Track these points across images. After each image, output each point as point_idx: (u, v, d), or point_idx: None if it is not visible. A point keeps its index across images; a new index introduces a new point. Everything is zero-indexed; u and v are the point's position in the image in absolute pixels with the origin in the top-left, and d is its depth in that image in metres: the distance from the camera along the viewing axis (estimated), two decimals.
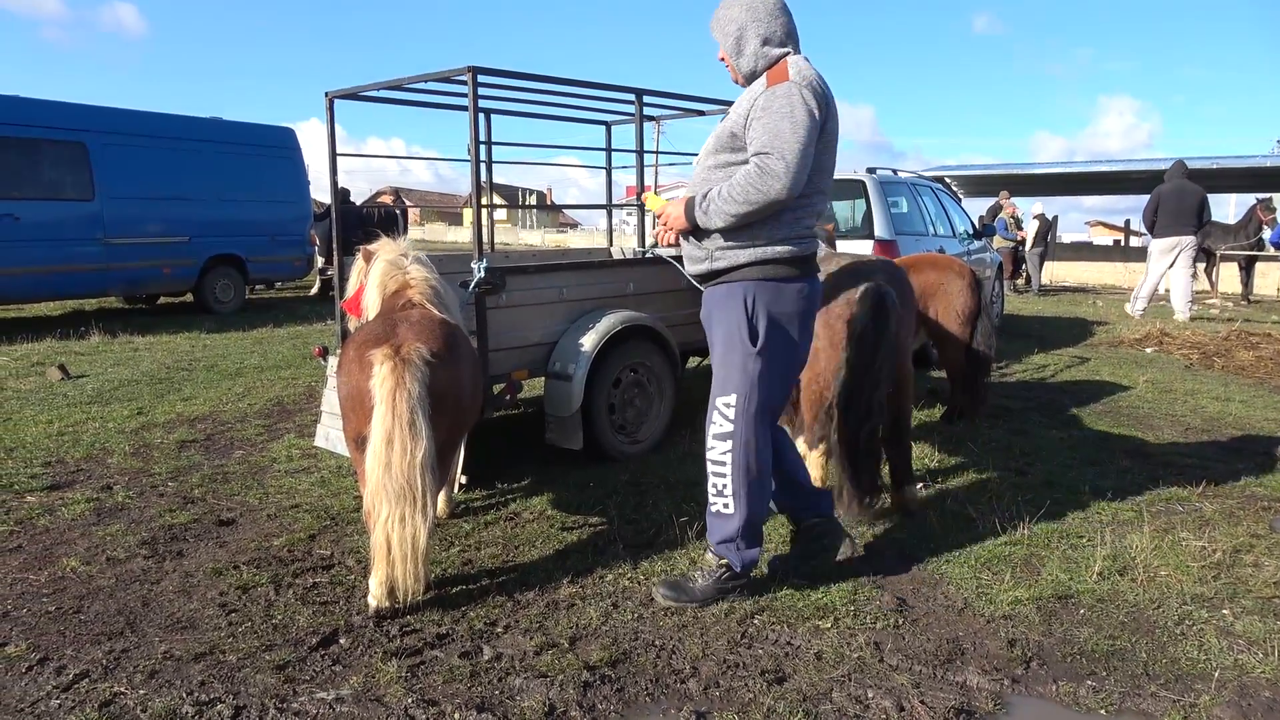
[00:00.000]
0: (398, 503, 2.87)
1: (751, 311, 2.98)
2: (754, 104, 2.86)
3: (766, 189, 2.78)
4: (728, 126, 2.98)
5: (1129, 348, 9.49)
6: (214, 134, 12.18)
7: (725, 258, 3.01)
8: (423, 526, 2.89)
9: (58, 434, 5.39)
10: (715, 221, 2.91)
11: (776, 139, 2.77)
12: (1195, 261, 11.58)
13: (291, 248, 13.17)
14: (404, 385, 2.88)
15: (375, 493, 2.89)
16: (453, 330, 3.29)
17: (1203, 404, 6.53)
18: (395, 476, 2.85)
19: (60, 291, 11.11)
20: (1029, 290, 17.24)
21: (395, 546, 2.88)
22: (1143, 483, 4.55)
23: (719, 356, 3.08)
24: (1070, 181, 22.54)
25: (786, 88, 2.81)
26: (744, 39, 2.96)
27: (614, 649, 2.82)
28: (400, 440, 2.85)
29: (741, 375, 3.01)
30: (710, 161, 3.02)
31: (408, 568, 2.90)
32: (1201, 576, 3.39)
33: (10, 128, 10.10)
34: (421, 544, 2.89)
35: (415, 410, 2.88)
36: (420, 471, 2.87)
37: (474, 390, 3.38)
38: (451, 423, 3.19)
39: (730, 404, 3.02)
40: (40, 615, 3.04)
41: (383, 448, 2.86)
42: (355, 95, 4.99)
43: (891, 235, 7.59)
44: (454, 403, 3.15)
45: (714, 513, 3.15)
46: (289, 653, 2.78)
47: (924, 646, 2.88)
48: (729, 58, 3.03)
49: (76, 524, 3.91)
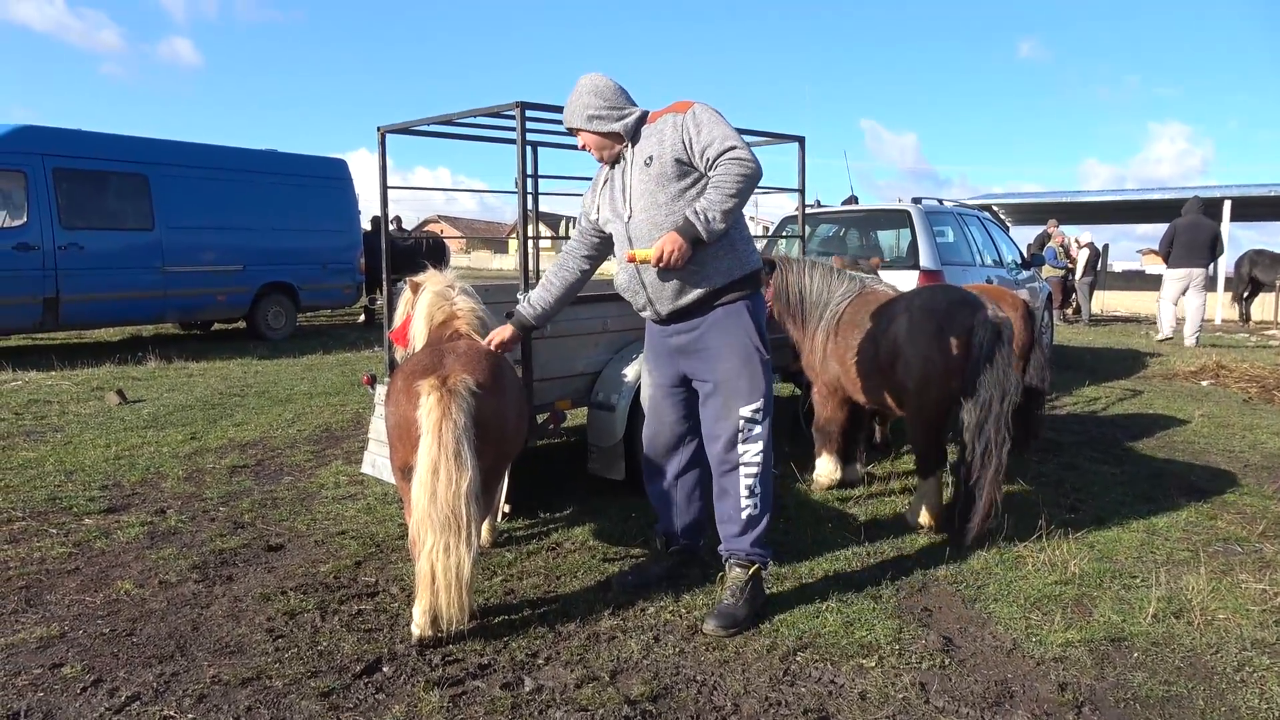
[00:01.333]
0: (443, 532, 2.89)
1: (756, 321, 3.30)
2: (682, 129, 3.12)
3: (748, 170, 3.03)
4: (669, 157, 3.14)
5: (1184, 380, 9.26)
6: (269, 165, 12.53)
7: (721, 275, 3.22)
8: (467, 556, 2.91)
9: (115, 458, 5.54)
10: (720, 225, 3.07)
11: (728, 136, 3.06)
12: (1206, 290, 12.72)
13: (342, 276, 13.44)
14: (450, 416, 2.91)
15: (421, 522, 2.91)
16: (498, 361, 3.34)
17: (1262, 439, 6.34)
18: (441, 506, 2.88)
19: (120, 318, 11.46)
20: (1079, 320, 16.93)
21: (440, 576, 2.90)
22: (1199, 521, 4.43)
23: (734, 369, 3.24)
24: (1121, 209, 22.15)
25: (702, 106, 3.16)
26: (617, 105, 3.28)
27: (655, 683, 2.81)
28: (446, 470, 2.88)
29: (763, 382, 3.27)
30: (664, 196, 3.17)
31: (451, 597, 2.91)
32: (1262, 621, 3.28)
33: (77, 160, 10.51)
34: (466, 574, 2.92)
35: (461, 441, 2.91)
36: (465, 501, 2.90)
37: (519, 420, 3.40)
38: (496, 452, 3.21)
39: (759, 409, 3.25)
40: (95, 637, 3.12)
41: (429, 477, 2.89)
42: (407, 130, 5.11)
43: (937, 265, 7.53)
44: (499, 433, 3.18)
45: (746, 516, 3.29)
46: (333, 680, 2.81)
47: (971, 688, 2.82)
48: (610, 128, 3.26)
49: (131, 547, 4.01)
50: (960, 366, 4.02)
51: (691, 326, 3.30)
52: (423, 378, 3.02)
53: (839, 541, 4.09)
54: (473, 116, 4.74)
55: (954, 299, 4.26)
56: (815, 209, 9.33)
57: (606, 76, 3.33)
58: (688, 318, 3.29)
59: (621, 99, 3.29)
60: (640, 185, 3.22)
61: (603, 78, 3.32)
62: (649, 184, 3.19)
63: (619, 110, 3.26)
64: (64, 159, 10.37)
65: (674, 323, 3.34)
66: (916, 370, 4.15)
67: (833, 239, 8.88)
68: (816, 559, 3.87)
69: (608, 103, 3.26)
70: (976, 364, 3.97)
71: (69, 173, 10.39)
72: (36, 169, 10.11)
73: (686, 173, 3.15)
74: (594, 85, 3.28)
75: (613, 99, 3.27)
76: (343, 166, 13.59)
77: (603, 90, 3.27)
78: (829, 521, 4.40)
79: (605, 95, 3.26)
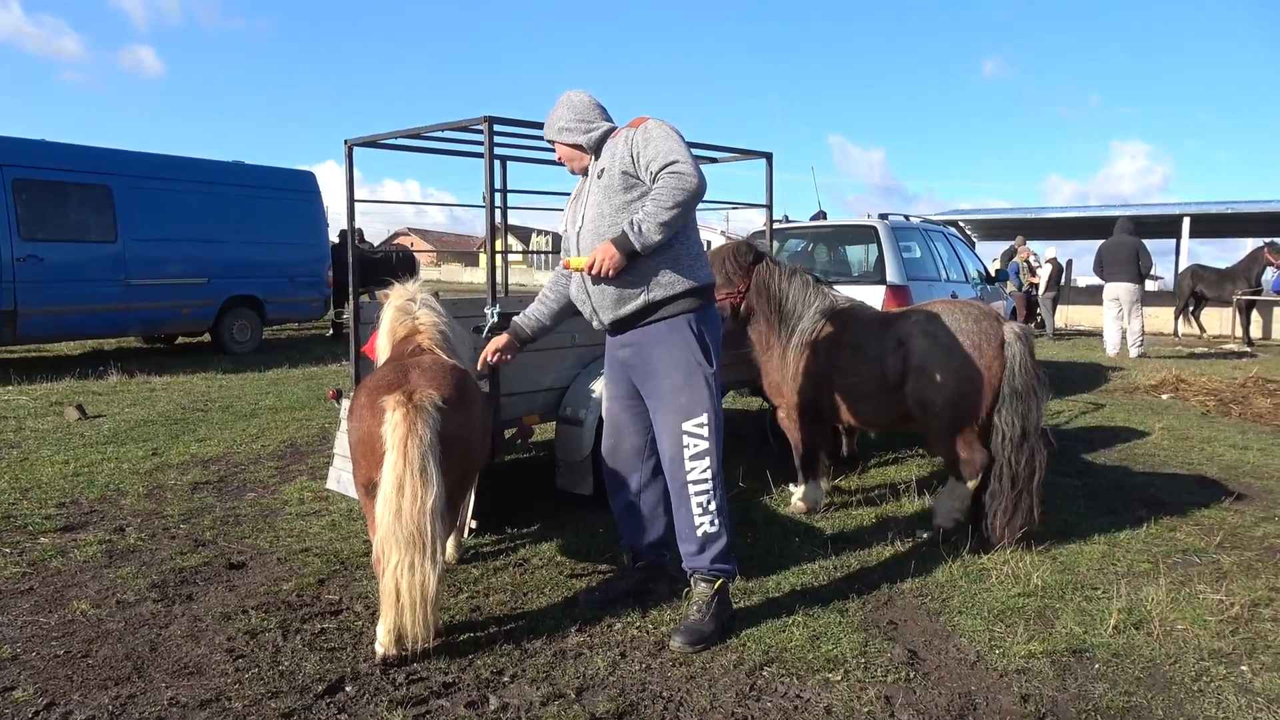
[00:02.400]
0: (407, 549, 2.86)
1: (700, 336, 3.27)
2: (632, 142, 3.19)
3: (687, 186, 3.03)
4: (616, 170, 3.22)
5: (1144, 394, 9.42)
6: (235, 177, 12.40)
7: (663, 287, 3.23)
8: (432, 574, 2.88)
9: (73, 474, 5.43)
10: (653, 237, 3.09)
11: (672, 151, 3.08)
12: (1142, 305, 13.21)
13: (309, 289, 13.31)
14: (415, 431, 2.89)
15: (385, 539, 2.89)
16: (463, 376, 3.30)
17: (1220, 452, 6.47)
18: (405, 523, 2.86)
19: (82, 331, 11.26)
20: (1043, 334, 17.18)
21: (404, 593, 2.87)
22: (1159, 533, 4.50)
23: (676, 385, 3.26)
24: (1084, 226, 22.57)
25: (654, 121, 3.20)
26: (587, 118, 3.37)
27: (621, 700, 2.80)
28: (411, 487, 2.86)
29: (707, 395, 3.26)
30: (609, 207, 3.24)
31: (416, 615, 2.89)
32: (1219, 631, 3.34)
33: (38, 170, 10.33)
34: (431, 591, 2.89)
35: (427, 457, 2.89)
36: (430, 518, 2.87)
37: (483, 435, 3.39)
38: (461, 468, 3.20)
39: (703, 424, 3.24)
40: (49, 659, 3.04)
41: (393, 494, 2.87)
42: (375, 143, 5.09)
43: (904, 281, 7.61)
44: (463, 449, 3.15)
45: (702, 534, 3.27)
46: (295, 700, 2.77)
47: (936, 701, 2.84)
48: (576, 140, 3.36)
49: (88, 566, 3.93)
50: (998, 379, 4.15)
51: (634, 339, 3.33)
52: (387, 393, 3.00)
53: (806, 555, 4.10)
54: (441, 130, 4.73)
55: (975, 316, 4.32)
56: (783, 224, 9.41)
57: (586, 93, 3.43)
58: (629, 328, 3.32)
59: (593, 114, 3.37)
60: (593, 196, 3.31)
61: (580, 94, 3.42)
62: (598, 195, 3.28)
63: (587, 124, 3.35)
64: (24, 169, 10.18)
65: (619, 333, 3.37)
66: (953, 388, 4.19)
67: (801, 254, 8.95)
68: (783, 573, 3.88)
69: (578, 116, 3.36)
70: (1014, 374, 4.12)
71: (29, 183, 10.20)
72: None
73: (632, 185, 3.20)
74: (569, 100, 3.40)
75: (584, 113, 3.37)
76: (311, 179, 13.49)
77: (576, 105, 3.38)
78: (796, 535, 4.42)
79: (577, 109, 3.37)
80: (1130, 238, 12.99)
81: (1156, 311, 18.89)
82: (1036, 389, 4.16)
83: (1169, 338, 17.21)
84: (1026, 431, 4.12)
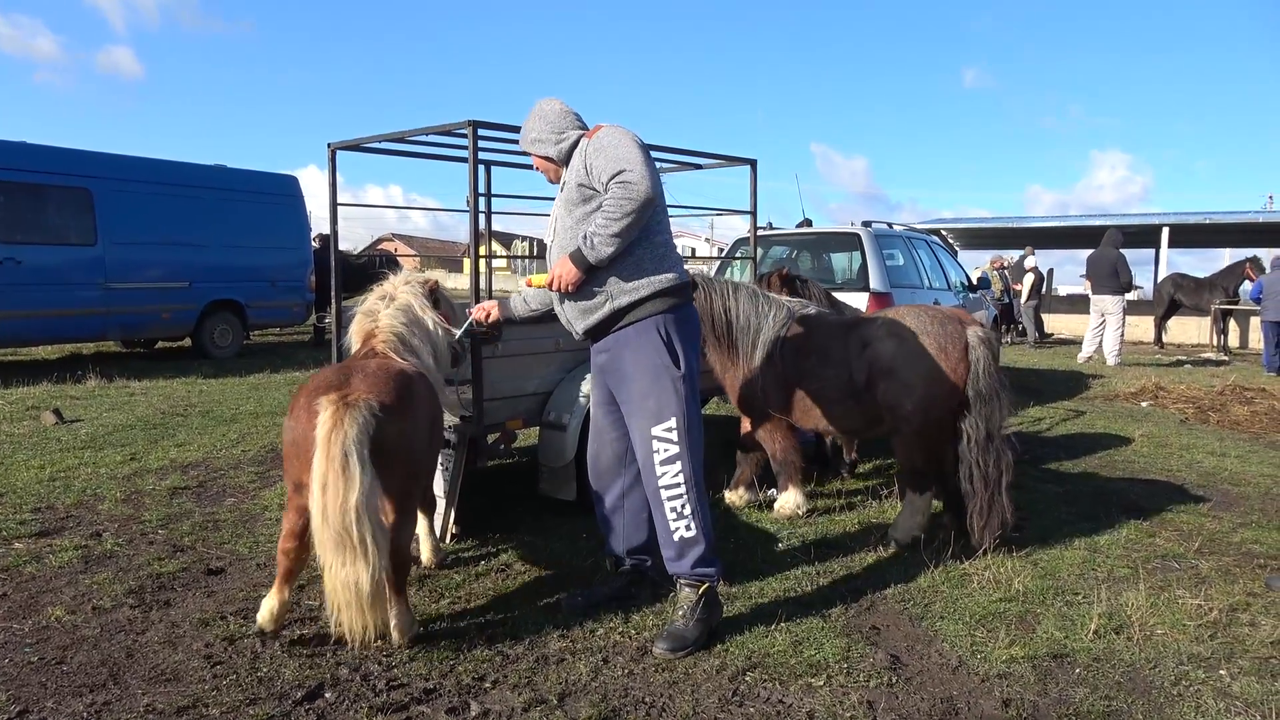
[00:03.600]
0: (336, 550, 2.82)
1: (669, 339, 3.22)
2: (585, 154, 3.17)
3: (635, 195, 3.01)
4: (573, 182, 3.23)
5: (1124, 401, 9.50)
6: (217, 181, 12.32)
7: (626, 293, 3.20)
8: (365, 573, 2.83)
9: (49, 479, 5.36)
10: (605, 250, 3.08)
11: (621, 159, 3.05)
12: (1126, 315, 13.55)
13: (291, 294, 13.22)
14: (341, 428, 2.83)
15: (318, 541, 2.86)
16: (408, 381, 3.21)
17: (1198, 459, 6.53)
18: (331, 522, 2.80)
19: (60, 335, 11.13)
20: (1023, 341, 17.33)
21: (339, 594, 2.85)
22: (1139, 539, 4.53)
23: (644, 388, 3.23)
24: (1065, 235, 22.76)
25: (607, 130, 3.17)
26: (558, 128, 3.34)
27: (603, 706, 2.78)
28: (334, 485, 2.80)
29: (675, 400, 3.21)
30: (570, 220, 3.26)
31: (354, 615, 2.87)
32: (1198, 636, 3.36)
33: (16, 173, 10.22)
34: (365, 591, 2.84)
35: (350, 455, 2.81)
36: (355, 517, 2.80)
37: (429, 442, 3.33)
38: (404, 474, 3.13)
39: (671, 428, 3.20)
40: (22, 665, 3.00)
41: (319, 493, 2.82)
42: (358, 147, 5.07)
43: (886, 288, 7.65)
44: (404, 455, 3.09)
45: (679, 539, 3.25)
46: (273, 707, 2.73)
47: (918, 706, 2.84)
48: (547, 152, 3.35)
49: (64, 572, 3.87)
50: (963, 382, 4.16)
51: (606, 346, 3.33)
52: (324, 395, 2.94)
53: (789, 560, 4.11)
54: (425, 134, 4.72)
55: (940, 319, 4.33)
56: (768, 231, 9.44)
57: (557, 100, 3.40)
58: (601, 336, 3.32)
59: (564, 122, 3.34)
60: (558, 210, 3.33)
61: (552, 102, 3.39)
62: (561, 209, 3.30)
63: (558, 134, 3.33)
64: (2, 171, 10.07)
65: (594, 341, 3.37)
66: (920, 390, 4.19)
67: (785, 261, 8.98)
68: (766, 578, 3.88)
69: (550, 126, 3.34)
70: (978, 377, 4.14)
71: (7, 185, 10.09)
72: None
73: (589, 197, 3.20)
74: (541, 110, 3.38)
75: (556, 122, 3.34)
76: (293, 183, 13.41)
77: (548, 114, 3.36)
78: (779, 540, 4.42)
79: (549, 119, 3.35)
80: (1112, 250, 13.25)
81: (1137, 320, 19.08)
82: (1000, 392, 4.19)
83: (1149, 346, 17.38)
84: (991, 434, 4.15)
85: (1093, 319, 13.58)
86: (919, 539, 4.29)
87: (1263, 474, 6.07)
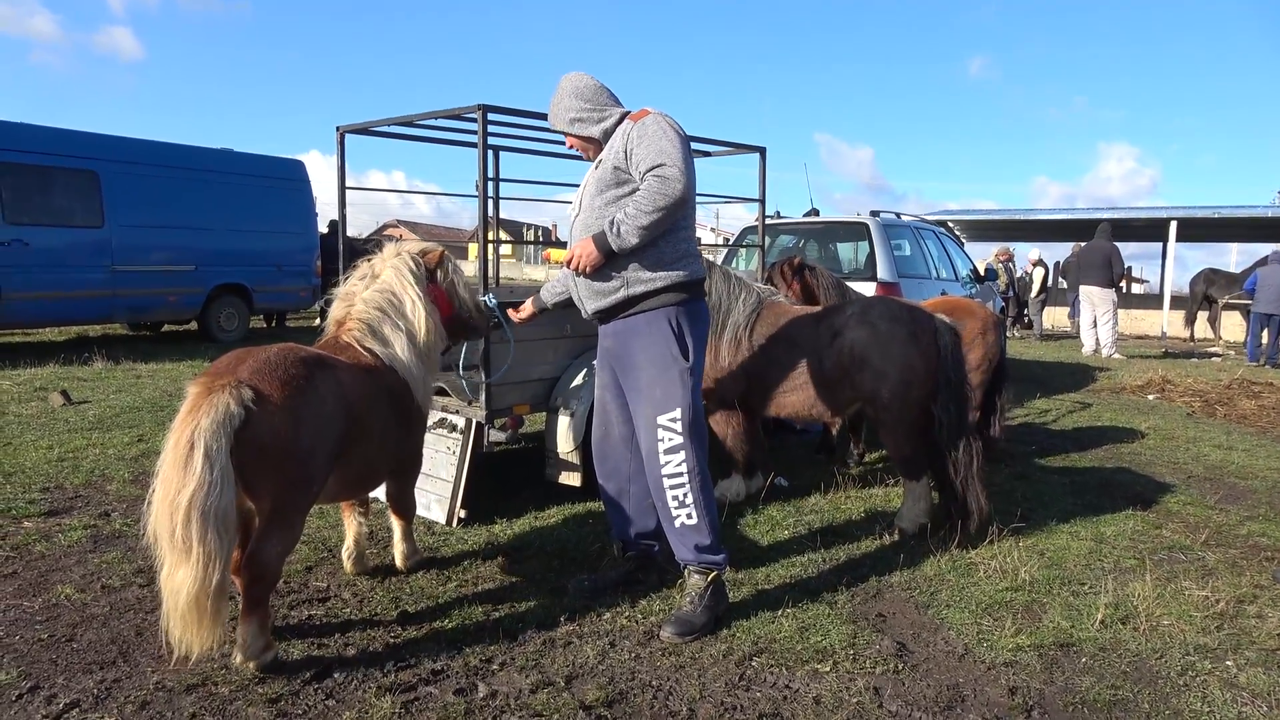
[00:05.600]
0: (169, 551, 2.52)
1: (679, 331, 3.22)
2: (628, 137, 3.11)
3: (670, 192, 2.98)
4: (609, 164, 3.18)
5: (1131, 394, 9.48)
6: (224, 165, 12.32)
7: (643, 283, 3.19)
8: (187, 581, 2.48)
9: (58, 460, 5.38)
10: (631, 239, 3.06)
11: (663, 153, 3.01)
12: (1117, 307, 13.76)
13: (297, 278, 13.24)
14: (194, 415, 2.55)
15: (150, 538, 2.59)
16: (307, 376, 2.83)
17: (1205, 452, 6.52)
18: (162, 519, 2.52)
19: (67, 317, 11.17)
20: (1029, 334, 17.32)
21: (166, 599, 2.55)
22: (1145, 530, 4.53)
23: (651, 378, 3.22)
24: (1072, 228, 22.65)
25: (653, 117, 3.11)
26: (599, 105, 3.27)
27: (610, 688, 2.79)
28: (170, 477, 2.52)
29: (681, 390, 3.20)
30: (599, 200, 3.21)
31: (174, 624, 2.55)
32: (1205, 627, 3.36)
33: (23, 154, 10.23)
34: (186, 600, 2.49)
35: (194, 445, 2.50)
36: (185, 517, 2.47)
37: (316, 447, 2.82)
38: (282, 479, 2.75)
39: (676, 418, 3.19)
40: (33, 643, 3.01)
41: (158, 487, 2.56)
42: (366, 131, 5.06)
43: (894, 278, 7.63)
44: (278, 457, 2.70)
45: (679, 528, 3.25)
46: (282, 686, 2.75)
47: (924, 692, 2.85)
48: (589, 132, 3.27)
49: (73, 551, 3.89)
50: (935, 369, 4.20)
51: (616, 329, 3.31)
52: (203, 378, 2.70)
53: (795, 548, 4.11)
54: (434, 118, 4.70)
55: (907, 307, 4.41)
56: (776, 220, 9.41)
57: (589, 76, 3.31)
58: (611, 319, 3.31)
59: (603, 98, 3.27)
60: (590, 186, 3.28)
61: (584, 77, 3.30)
62: (592, 186, 3.25)
63: (600, 112, 3.26)
64: (9, 153, 10.09)
65: (604, 322, 3.36)
66: (895, 377, 4.20)
67: (792, 250, 8.96)
68: (773, 565, 3.88)
69: (590, 104, 3.26)
70: (945, 365, 4.19)
71: (14, 167, 10.11)
72: None
73: (623, 181, 3.16)
74: (575, 86, 3.27)
75: (595, 99, 3.26)
76: (300, 168, 13.41)
77: (584, 91, 3.26)
78: (785, 528, 4.42)
79: (587, 96, 3.26)
80: (1106, 243, 13.36)
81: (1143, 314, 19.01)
82: (965, 380, 4.32)
83: (1154, 340, 17.34)
84: (963, 419, 4.24)
85: (1084, 313, 13.76)
86: (925, 526, 4.30)
87: (1270, 468, 6.05)
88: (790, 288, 5.43)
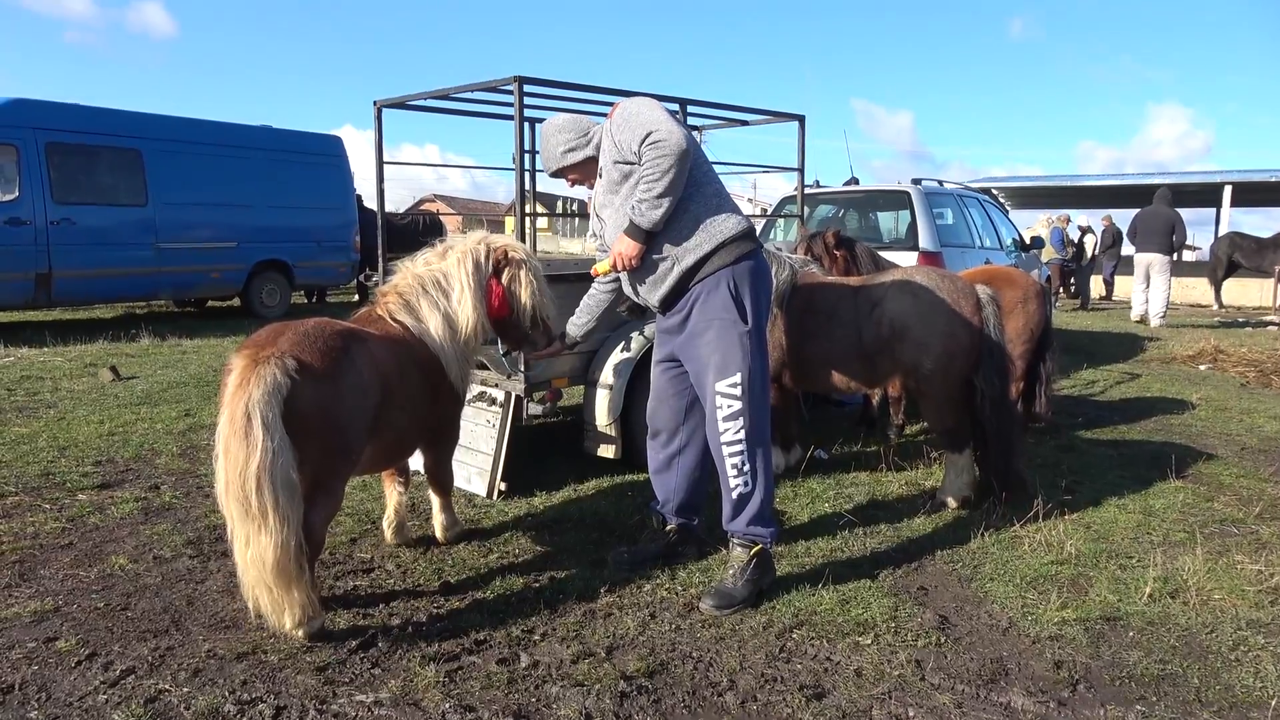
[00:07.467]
0: (241, 522, 2.63)
1: (736, 293, 3.19)
2: (612, 134, 3.19)
3: (668, 150, 3.00)
4: (609, 164, 3.25)
5: (1182, 364, 9.26)
6: (263, 141, 12.44)
7: (690, 252, 3.18)
8: (270, 547, 2.60)
9: (108, 434, 5.51)
10: (655, 213, 3.08)
11: (645, 123, 3.06)
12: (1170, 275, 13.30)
13: (337, 254, 13.38)
14: (245, 388, 2.64)
15: (225, 514, 2.68)
16: (341, 346, 2.92)
17: (1259, 423, 6.35)
18: (233, 491, 2.60)
19: (113, 294, 11.41)
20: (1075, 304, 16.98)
21: (247, 571, 2.66)
22: (1195, 503, 4.43)
23: (710, 343, 3.21)
24: (1122, 194, 22.08)
25: (623, 103, 3.23)
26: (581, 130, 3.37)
27: (651, 659, 2.81)
28: (236, 450, 2.60)
29: (741, 355, 3.17)
30: (617, 201, 3.27)
31: (261, 593, 2.68)
32: (1258, 601, 3.28)
33: (70, 134, 10.41)
34: (268, 566, 2.61)
35: (252, 416, 2.59)
36: (258, 484, 2.57)
37: (356, 414, 2.94)
38: (324, 447, 2.85)
39: (736, 383, 3.17)
40: (90, 611, 3.10)
41: (221, 459, 2.65)
42: (403, 105, 5.06)
43: (936, 247, 7.50)
44: (322, 424, 2.81)
45: (736, 496, 3.25)
46: (329, 654, 2.80)
47: (967, 666, 2.82)
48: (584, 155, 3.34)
49: (125, 522, 3.99)
50: (978, 340, 4.15)
51: (680, 308, 3.30)
52: (244, 350, 2.78)
53: (836, 520, 4.08)
54: (470, 91, 4.69)
55: (948, 277, 4.34)
56: (815, 189, 9.29)
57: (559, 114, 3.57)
58: (676, 301, 3.30)
59: (583, 124, 3.40)
60: (602, 198, 3.34)
61: (559, 115, 3.49)
62: (606, 194, 3.31)
63: (584, 136, 3.36)
64: (57, 133, 10.28)
65: (669, 309, 3.35)
66: (938, 348, 4.13)
67: (832, 220, 8.84)
68: (814, 538, 3.86)
69: (573, 132, 3.37)
70: (988, 337, 4.15)
71: (61, 147, 10.31)
72: (29, 143, 10.02)
73: (628, 172, 3.19)
74: (554, 125, 3.41)
75: (575, 127, 3.38)
76: (338, 143, 13.50)
77: (564, 125, 3.39)
78: (826, 501, 4.40)
79: (568, 128, 3.38)
80: (1167, 209, 12.93)
81: (1195, 283, 18.48)
82: (1006, 352, 4.26)
83: (1208, 309, 16.89)
84: (1005, 390, 4.21)
85: (1137, 274, 13.38)
86: (969, 499, 4.25)
87: None
88: (832, 259, 5.35)
